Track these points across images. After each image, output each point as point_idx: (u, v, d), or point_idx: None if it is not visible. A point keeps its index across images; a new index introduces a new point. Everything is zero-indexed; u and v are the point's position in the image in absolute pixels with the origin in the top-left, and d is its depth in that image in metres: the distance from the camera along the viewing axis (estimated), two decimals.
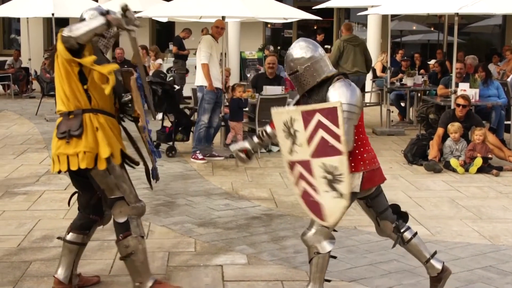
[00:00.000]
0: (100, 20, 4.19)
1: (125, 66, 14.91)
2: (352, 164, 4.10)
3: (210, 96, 9.55)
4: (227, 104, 10.32)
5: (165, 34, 20.05)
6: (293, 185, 4.28)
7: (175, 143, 10.04)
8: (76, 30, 4.16)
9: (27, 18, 17.98)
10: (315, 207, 4.12)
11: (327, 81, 4.22)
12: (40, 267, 5.20)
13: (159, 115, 10.87)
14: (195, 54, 10.30)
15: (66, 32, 4.18)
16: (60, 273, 4.68)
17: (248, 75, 15.44)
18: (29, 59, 18.09)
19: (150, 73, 13.59)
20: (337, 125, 3.89)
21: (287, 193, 7.70)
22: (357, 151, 4.18)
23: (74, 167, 4.32)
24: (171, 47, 17.24)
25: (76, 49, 4.24)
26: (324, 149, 3.97)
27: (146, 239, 5.79)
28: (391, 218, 4.48)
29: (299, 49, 4.27)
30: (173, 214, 6.81)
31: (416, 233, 4.53)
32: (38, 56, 18.54)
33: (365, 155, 4.22)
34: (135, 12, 14.30)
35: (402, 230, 4.48)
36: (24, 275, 5.06)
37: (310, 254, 4.28)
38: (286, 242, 5.87)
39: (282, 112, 4.18)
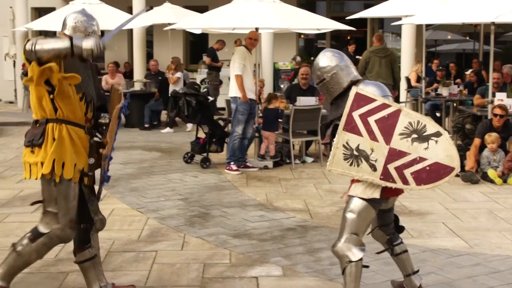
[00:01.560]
0: (65, 44, 4.04)
1: (159, 78, 14.93)
2: None
3: (244, 107, 9.57)
4: (261, 115, 10.34)
5: (198, 45, 20.18)
6: (405, 186, 4.15)
7: (209, 154, 10.07)
8: (40, 45, 4.01)
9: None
10: (436, 173, 4.05)
11: (352, 86, 4.30)
12: (77, 278, 5.23)
13: (189, 126, 10.91)
14: (228, 65, 10.35)
15: (29, 45, 4.02)
16: None
17: (282, 86, 15.46)
18: None
19: (170, 88, 13.66)
20: (372, 100, 4.06)
21: (321, 204, 7.67)
22: None
23: (34, 176, 4.31)
24: (205, 58, 17.35)
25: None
26: (387, 125, 4.06)
27: (181, 251, 5.91)
28: (388, 231, 4.62)
29: (325, 58, 4.44)
30: (207, 225, 6.82)
31: (406, 250, 4.66)
32: None
33: None
34: (169, 24, 14.43)
35: (394, 243, 4.62)
36: (61, 286, 5.11)
37: (342, 264, 4.27)
38: (321, 254, 5.84)
39: (334, 154, 4.19)
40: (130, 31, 18.50)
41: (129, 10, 17.58)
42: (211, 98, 10.88)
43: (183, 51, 20.32)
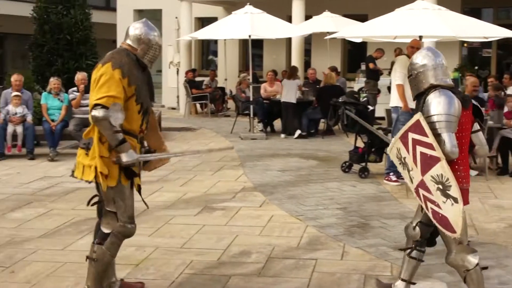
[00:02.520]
0: (115, 141, 4.40)
1: (317, 86, 15.07)
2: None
3: (405, 117, 9.36)
4: None
5: (356, 54, 20.09)
6: (426, 211, 4.42)
7: (368, 164, 9.97)
8: (104, 123, 4.34)
9: (225, 40, 18.84)
10: (444, 222, 4.24)
11: (426, 92, 4.45)
12: (239, 282, 5.35)
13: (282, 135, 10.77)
14: (388, 74, 10.21)
15: (102, 113, 4.33)
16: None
17: None
18: (225, 79, 18.92)
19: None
20: (426, 135, 4.18)
21: (488, 219, 7.36)
22: (456, 167, 4.32)
23: (86, 178, 4.54)
24: (363, 67, 17.24)
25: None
26: (426, 163, 4.22)
27: (341, 260, 5.86)
28: (423, 232, 4.73)
29: (420, 55, 4.58)
30: (367, 236, 6.74)
31: (421, 261, 4.84)
32: (233, 76, 19.37)
33: (461, 168, 4.38)
34: (328, 33, 14.50)
35: (418, 248, 4.80)
36: None
37: (461, 275, 4.41)
38: (489, 272, 5.54)
39: (392, 147, 4.55)
40: (289, 40, 18.76)
41: (289, 19, 17.83)
42: (370, 108, 10.78)
43: (341, 59, 20.30)
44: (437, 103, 4.31)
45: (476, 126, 4.61)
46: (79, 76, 12.18)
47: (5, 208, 7.83)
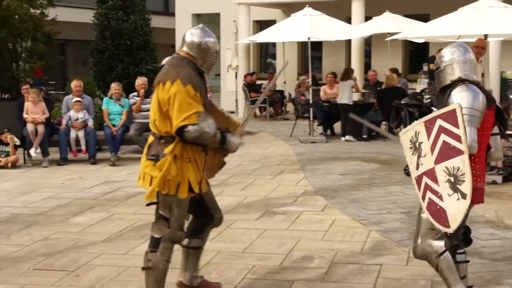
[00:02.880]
0: (217, 143, 4.63)
1: (378, 88, 14.92)
2: None
3: None
4: None
5: (418, 55, 19.80)
6: (420, 200, 4.44)
7: None
8: (202, 135, 4.47)
9: (283, 42, 18.83)
10: (439, 216, 4.25)
11: (452, 86, 4.46)
12: (302, 287, 5.32)
13: None
14: None
15: (195, 131, 4.42)
16: (184, 276, 5.06)
17: (511, 96, 14.69)
18: (284, 82, 18.90)
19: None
20: (457, 126, 4.13)
21: None
22: (472, 164, 4.23)
23: (147, 187, 4.60)
24: (425, 68, 16.97)
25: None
26: (446, 153, 4.20)
27: (406, 266, 5.77)
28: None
29: (450, 48, 4.59)
30: None
31: (467, 261, 4.65)
32: (292, 79, 19.33)
33: (477, 166, 4.35)
34: (389, 33, 14.32)
35: (458, 252, 4.58)
36: None
37: (432, 263, 4.46)
38: None
39: (408, 130, 4.54)
40: (349, 42, 18.64)
41: (348, 21, 17.71)
42: (434, 109, 10.57)
43: (402, 61, 20.04)
44: (463, 97, 4.33)
45: (496, 129, 4.61)
46: (139, 81, 12.36)
47: (68, 213, 7.99)
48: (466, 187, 4.09)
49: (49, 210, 8.14)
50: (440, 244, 4.44)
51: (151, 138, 4.71)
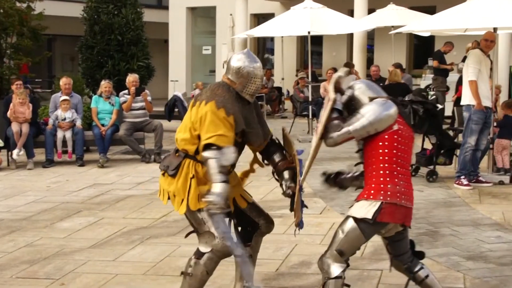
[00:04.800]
0: (215, 180, 4.51)
1: (381, 84, 14.90)
2: (372, 192, 4.39)
3: (479, 116, 9.21)
4: (494, 124, 9.87)
5: (423, 48, 19.82)
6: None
7: (437, 166, 9.80)
8: (211, 161, 4.51)
9: (282, 37, 18.82)
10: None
11: None
12: None
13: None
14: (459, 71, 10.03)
15: (213, 154, 4.49)
16: (235, 287, 5.17)
17: None
18: (282, 79, 18.90)
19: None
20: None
21: None
22: (381, 179, 4.40)
23: (175, 208, 4.76)
24: (430, 62, 16.98)
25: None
26: None
27: None
28: (405, 261, 4.67)
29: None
30: (437, 245, 6.61)
31: (428, 275, 4.64)
32: (291, 76, 19.33)
33: (388, 186, 4.37)
34: (393, 27, 14.29)
35: (414, 271, 4.65)
36: None
37: (322, 280, 4.51)
38: None
39: None
40: (350, 36, 18.64)
41: (350, 13, 17.70)
42: (440, 106, 10.58)
43: (406, 55, 20.06)
44: (371, 109, 4.55)
45: None
46: (130, 78, 12.33)
47: (54, 218, 7.98)
48: None
49: (34, 215, 8.13)
50: (335, 271, 4.48)
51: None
